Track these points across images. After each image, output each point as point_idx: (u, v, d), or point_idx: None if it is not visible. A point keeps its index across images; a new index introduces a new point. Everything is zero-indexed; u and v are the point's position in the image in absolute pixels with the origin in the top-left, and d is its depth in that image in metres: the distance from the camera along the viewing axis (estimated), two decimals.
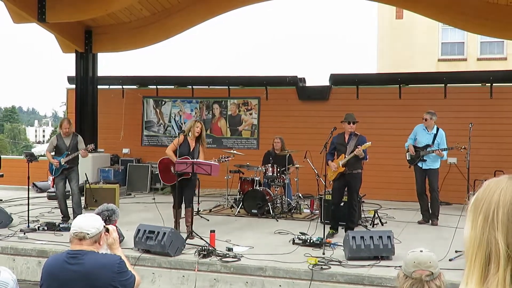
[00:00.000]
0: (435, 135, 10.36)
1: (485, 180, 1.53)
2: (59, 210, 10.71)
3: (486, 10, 11.90)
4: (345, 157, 9.29)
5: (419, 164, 10.46)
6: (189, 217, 9.10)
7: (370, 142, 9.21)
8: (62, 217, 10.39)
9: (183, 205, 9.42)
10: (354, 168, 9.32)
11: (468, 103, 12.80)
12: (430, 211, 10.57)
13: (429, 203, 10.63)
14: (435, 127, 10.46)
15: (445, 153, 10.28)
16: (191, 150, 9.36)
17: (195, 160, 9.13)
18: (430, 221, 10.51)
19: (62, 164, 10.37)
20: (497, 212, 1.41)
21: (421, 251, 3.19)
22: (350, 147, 9.34)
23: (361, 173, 9.53)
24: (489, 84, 13.45)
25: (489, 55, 22.28)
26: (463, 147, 9.90)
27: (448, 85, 13.73)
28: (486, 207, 1.44)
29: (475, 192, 1.51)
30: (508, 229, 1.38)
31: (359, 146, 9.08)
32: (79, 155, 10.44)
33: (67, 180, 10.57)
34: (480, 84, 13.64)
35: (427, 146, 10.36)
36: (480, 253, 1.42)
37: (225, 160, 10.28)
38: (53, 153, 10.60)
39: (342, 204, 9.66)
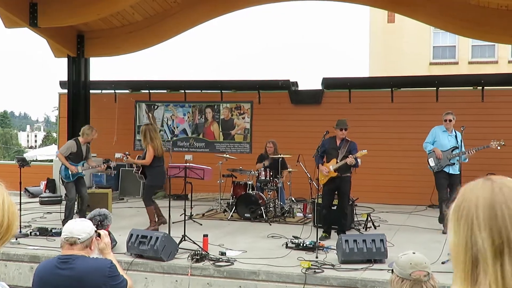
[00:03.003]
0: (456, 137, 9.80)
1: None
2: (54, 214, 10.65)
3: (477, 14, 11.96)
4: (337, 162, 9.36)
5: (446, 169, 9.83)
6: (149, 214, 10.15)
7: (365, 150, 9.25)
8: (63, 220, 10.29)
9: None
10: (344, 172, 9.42)
11: (460, 106, 12.85)
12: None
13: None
14: (453, 129, 9.93)
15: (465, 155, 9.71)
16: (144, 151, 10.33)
17: (187, 164, 9.31)
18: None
19: (79, 171, 10.46)
20: (478, 214, 1.42)
21: (414, 253, 3.20)
22: (341, 152, 9.41)
23: (350, 177, 9.62)
24: (481, 88, 13.53)
25: (480, 58, 22.40)
26: (502, 142, 9.42)
27: (440, 88, 13.79)
28: (466, 212, 1.45)
29: (453, 200, 1.52)
30: (491, 227, 1.39)
31: (351, 156, 9.18)
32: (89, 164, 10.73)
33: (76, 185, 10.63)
34: (472, 88, 13.71)
35: (454, 148, 9.77)
36: (466, 257, 1.43)
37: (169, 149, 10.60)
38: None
39: (333, 207, 9.73)
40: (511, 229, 1.38)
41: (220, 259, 7.73)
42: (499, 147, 9.54)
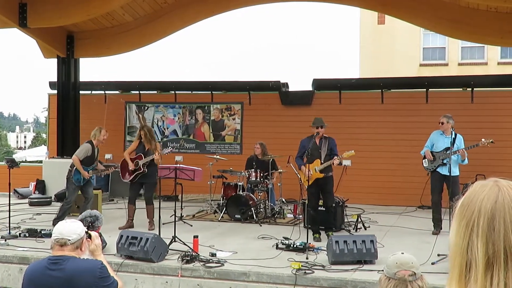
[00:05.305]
0: (454, 139, 9.58)
1: (471, 183, 1.54)
2: (44, 215, 10.58)
3: (466, 15, 12.03)
4: (321, 163, 9.39)
5: (439, 170, 9.79)
6: (151, 212, 10.39)
7: (353, 151, 9.31)
8: (54, 219, 10.26)
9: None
10: (328, 172, 9.56)
11: (450, 107, 12.89)
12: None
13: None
14: (453, 131, 9.72)
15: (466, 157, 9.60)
16: (146, 150, 10.54)
17: (178, 165, 9.30)
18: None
19: (91, 176, 10.57)
20: (478, 221, 1.42)
21: (402, 253, 3.22)
22: (323, 151, 9.45)
23: (332, 176, 9.72)
24: (470, 89, 13.58)
25: (470, 60, 22.52)
26: (491, 140, 9.38)
27: (429, 89, 13.84)
28: (468, 213, 1.44)
29: (463, 194, 1.52)
30: (487, 238, 1.39)
31: (336, 157, 9.25)
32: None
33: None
34: (461, 89, 13.76)
35: (447, 149, 9.63)
36: (460, 259, 1.43)
37: (167, 153, 10.72)
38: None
39: (320, 208, 9.78)
40: (505, 243, 1.38)
41: (211, 260, 7.72)
42: (488, 145, 9.54)
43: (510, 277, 1.36)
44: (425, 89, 13.87)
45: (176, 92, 15.82)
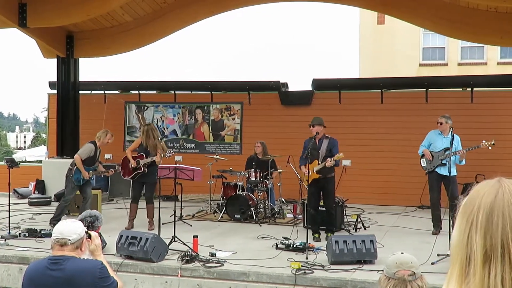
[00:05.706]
0: (452, 140, 9.34)
1: (476, 183, 1.55)
2: (43, 215, 10.57)
3: (466, 15, 12.03)
4: (318, 163, 9.39)
5: (437, 170, 9.76)
6: (151, 212, 10.30)
7: (341, 154, 9.27)
8: (51, 218, 10.26)
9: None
10: (328, 173, 9.47)
11: (449, 107, 12.90)
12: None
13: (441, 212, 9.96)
14: (451, 132, 9.52)
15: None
16: (147, 149, 10.37)
17: (177, 165, 9.30)
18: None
19: (91, 177, 10.59)
20: (478, 216, 1.44)
21: (402, 253, 3.22)
22: (322, 152, 9.44)
23: (334, 176, 9.70)
24: (470, 89, 13.58)
25: (469, 60, 22.53)
26: (492, 142, 9.27)
27: (429, 89, 13.84)
28: (469, 209, 1.47)
29: (467, 194, 1.54)
30: (485, 231, 1.41)
31: (329, 159, 9.23)
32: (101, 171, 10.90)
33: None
34: (461, 89, 13.76)
35: (446, 149, 9.56)
36: (461, 254, 1.45)
37: (169, 156, 10.58)
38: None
39: (321, 208, 9.77)
40: (502, 236, 1.40)
41: (210, 260, 7.71)
42: (490, 147, 9.49)
43: (507, 270, 1.38)
44: (424, 89, 13.88)
45: (175, 92, 15.82)
